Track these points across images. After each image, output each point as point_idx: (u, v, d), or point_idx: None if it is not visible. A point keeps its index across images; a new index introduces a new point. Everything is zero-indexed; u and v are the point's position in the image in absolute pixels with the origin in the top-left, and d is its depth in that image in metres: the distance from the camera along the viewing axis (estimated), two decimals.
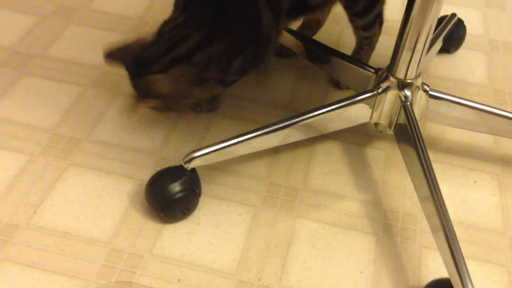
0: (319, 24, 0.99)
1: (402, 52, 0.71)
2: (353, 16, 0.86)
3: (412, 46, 0.69)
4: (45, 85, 0.92)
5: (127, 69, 0.71)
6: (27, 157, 0.80)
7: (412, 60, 0.71)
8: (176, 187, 0.70)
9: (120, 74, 0.95)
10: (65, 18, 1.06)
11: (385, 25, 0.94)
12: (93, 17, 1.07)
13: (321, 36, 1.05)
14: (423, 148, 0.68)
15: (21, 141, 0.82)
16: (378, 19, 0.89)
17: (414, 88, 0.74)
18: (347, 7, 0.84)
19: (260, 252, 0.70)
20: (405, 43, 0.69)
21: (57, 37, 1.02)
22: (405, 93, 0.73)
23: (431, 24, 0.68)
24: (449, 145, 0.86)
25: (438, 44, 0.94)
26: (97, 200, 0.75)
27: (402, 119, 0.74)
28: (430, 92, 0.76)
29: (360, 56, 0.91)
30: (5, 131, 0.83)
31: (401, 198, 0.78)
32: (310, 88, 0.96)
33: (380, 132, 0.83)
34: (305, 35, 0.96)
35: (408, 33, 0.68)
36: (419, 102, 0.76)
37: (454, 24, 0.99)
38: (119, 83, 0.93)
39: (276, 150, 0.84)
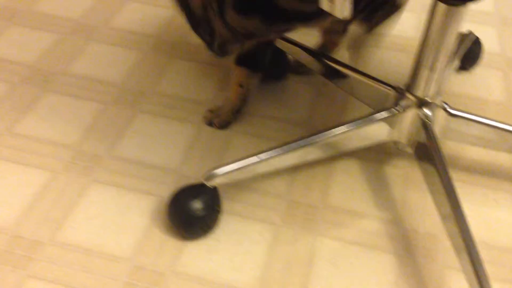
0: (334, 45, 1.00)
1: (421, 70, 0.71)
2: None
3: (432, 65, 0.70)
4: (66, 102, 0.93)
5: None
6: (50, 173, 0.81)
7: (432, 78, 0.71)
8: (197, 204, 0.71)
9: (139, 91, 0.96)
10: (85, 36, 1.08)
11: (400, 42, 0.94)
12: (112, 35, 1.09)
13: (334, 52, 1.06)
14: (445, 167, 0.68)
15: (44, 158, 0.83)
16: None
17: (434, 106, 0.74)
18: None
19: (281, 270, 0.71)
20: (424, 61, 0.70)
21: (77, 54, 1.04)
22: (425, 112, 0.73)
23: (451, 43, 0.68)
24: (468, 164, 0.86)
25: (455, 62, 0.94)
26: (119, 217, 0.76)
27: (422, 137, 0.74)
28: (450, 111, 0.76)
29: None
30: (29, 147, 0.84)
31: (421, 216, 0.78)
32: (328, 105, 0.96)
33: (400, 150, 0.83)
34: (321, 52, 0.96)
35: (427, 51, 0.69)
36: (439, 121, 0.76)
37: (471, 41, 1.00)
38: (139, 100, 0.94)
39: (294, 168, 0.84)
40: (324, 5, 0.49)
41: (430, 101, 0.73)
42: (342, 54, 0.92)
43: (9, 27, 1.09)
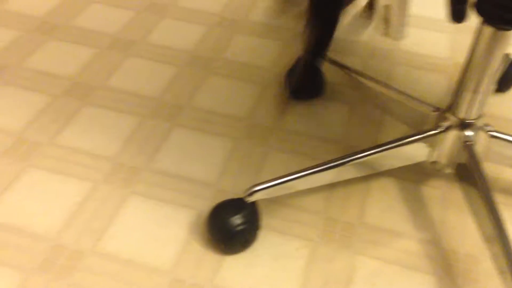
0: None
1: (464, 92, 0.71)
2: None
3: (475, 87, 0.70)
4: (105, 115, 0.95)
5: None
6: (90, 184, 0.82)
7: (475, 100, 0.71)
8: (237, 219, 0.71)
9: (176, 105, 0.98)
10: (123, 50, 1.10)
11: (435, 62, 0.94)
12: (149, 50, 1.11)
13: (370, 72, 1.07)
14: (488, 189, 0.68)
15: (85, 169, 0.84)
16: None
17: (476, 128, 0.74)
18: None
19: None
20: (468, 83, 0.70)
21: (115, 69, 1.06)
22: (467, 133, 0.73)
23: (496, 65, 0.68)
24: (507, 186, 0.86)
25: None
26: (158, 229, 0.77)
27: (463, 158, 0.74)
28: (492, 133, 0.76)
29: None
30: (69, 158, 0.86)
31: (460, 237, 0.77)
32: (363, 123, 0.97)
33: (438, 171, 0.83)
34: (358, 70, 0.97)
35: (472, 73, 0.69)
36: (481, 142, 0.76)
37: (507, 64, 0.99)
38: (176, 114, 0.96)
39: (331, 184, 0.84)
40: (379, 28, 0.50)
41: (472, 122, 0.73)
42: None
43: (49, 41, 1.12)
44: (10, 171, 0.83)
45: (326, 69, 0.97)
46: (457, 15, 0.58)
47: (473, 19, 0.66)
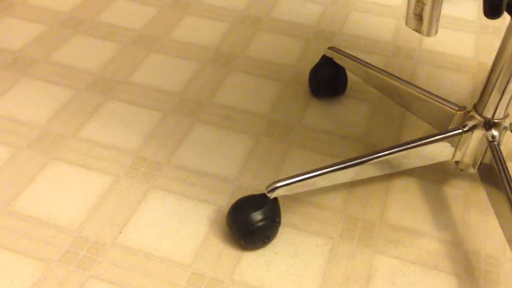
0: None
1: (491, 91, 0.70)
2: None
3: (503, 87, 0.69)
4: (128, 110, 0.96)
5: None
6: (112, 178, 0.83)
7: (502, 100, 0.70)
8: (258, 215, 0.71)
9: (198, 102, 0.98)
10: (146, 46, 1.11)
11: (459, 62, 0.93)
12: (172, 46, 1.12)
13: (393, 71, 1.06)
14: None
15: (107, 163, 0.85)
16: None
17: (501, 128, 0.73)
18: None
19: (339, 285, 0.70)
20: (496, 83, 0.69)
21: (139, 64, 1.07)
22: (493, 133, 0.72)
23: None
24: None
25: None
26: (178, 224, 0.77)
27: (488, 159, 0.73)
28: None
29: None
30: (92, 152, 0.87)
31: (482, 239, 0.76)
32: (385, 122, 0.96)
33: (461, 170, 0.82)
34: (381, 69, 0.96)
35: (500, 73, 0.68)
36: (506, 143, 0.75)
37: None
38: (197, 110, 0.96)
39: (351, 182, 0.84)
40: (411, 24, 0.50)
41: (498, 122, 0.72)
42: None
43: (75, 35, 1.14)
44: (35, 164, 0.85)
45: (348, 67, 0.96)
46: (494, 10, 0.57)
47: (499, 19, 0.65)
